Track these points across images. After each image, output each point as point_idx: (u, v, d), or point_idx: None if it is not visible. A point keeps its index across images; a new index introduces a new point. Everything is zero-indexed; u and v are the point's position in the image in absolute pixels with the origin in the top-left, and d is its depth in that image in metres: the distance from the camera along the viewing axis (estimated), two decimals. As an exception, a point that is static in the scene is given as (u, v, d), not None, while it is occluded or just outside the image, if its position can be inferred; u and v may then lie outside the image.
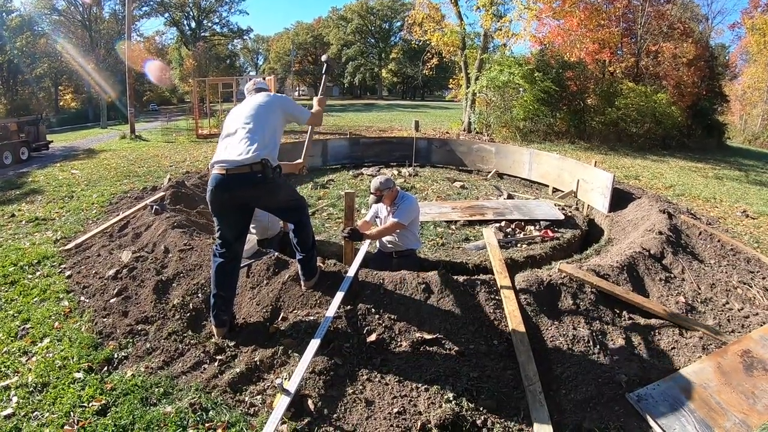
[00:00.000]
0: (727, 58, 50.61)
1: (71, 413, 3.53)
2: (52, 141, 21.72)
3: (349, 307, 4.47)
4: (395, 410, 3.50)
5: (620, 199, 9.52)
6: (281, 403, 3.34)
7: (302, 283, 4.77)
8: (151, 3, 63.69)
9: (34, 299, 5.48)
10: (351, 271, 4.80)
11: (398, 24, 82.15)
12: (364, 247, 5.60)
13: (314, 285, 4.77)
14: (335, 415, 3.49)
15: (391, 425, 3.39)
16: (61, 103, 57.94)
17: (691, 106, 26.80)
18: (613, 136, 23.53)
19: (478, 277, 4.94)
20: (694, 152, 23.52)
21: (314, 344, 3.82)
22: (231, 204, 4.16)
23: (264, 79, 27.21)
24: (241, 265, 5.18)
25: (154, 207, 7.71)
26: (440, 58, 31.97)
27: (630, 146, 22.71)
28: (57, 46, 47.42)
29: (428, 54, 31.98)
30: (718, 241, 6.83)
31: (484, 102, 26.03)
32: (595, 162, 11.49)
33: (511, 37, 25.95)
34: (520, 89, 24.26)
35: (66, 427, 3.40)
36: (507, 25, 25.96)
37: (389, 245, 6.05)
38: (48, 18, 50.63)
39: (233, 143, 4.08)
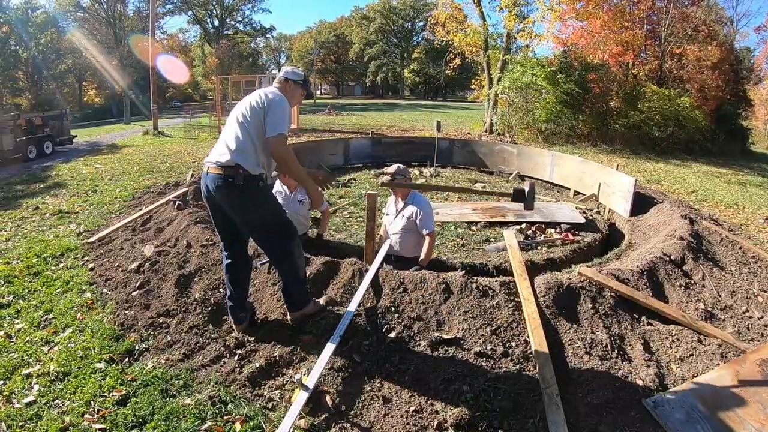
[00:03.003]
0: (752, 61, 49.84)
1: (92, 402, 3.58)
2: (76, 136, 21.99)
3: (368, 305, 4.49)
4: (412, 408, 3.52)
5: (642, 203, 9.44)
6: (299, 398, 3.38)
7: (288, 315, 4.46)
8: (175, 1, 64.42)
9: (57, 290, 5.56)
10: (371, 270, 4.82)
11: (421, 24, 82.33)
12: (385, 247, 5.62)
13: (304, 318, 4.41)
14: (353, 412, 3.52)
15: (408, 423, 3.41)
16: (84, 99, 58.75)
17: (715, 110, 26.48)
18: (635, 139, 23.33)
19: (498, 279, 4.93)
20: (717, 157, 23.25)
21: (333, 341, 3.85)
22: (212, 204, 4.07)
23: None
24: (262, 261, 5.23)
25: (177, 202, 7.80)
26: (463, 58, 32.11)
27: (652, 150, 22.51)
28: (78, 44, 47.92)
29: (451, 54, 32.11)
30: (740, 248, 6.74)
31: (506, 103, 25.99)
32: (617, 165, 11.44)
33: (534, 38, 25.97)
34: (543, 91, 24.16)
35: (86, 415, 3.44)
36: (530, 26, 26.01)
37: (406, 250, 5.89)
38: (73, 15, 51.35)
39: (220, 140, 4.02)
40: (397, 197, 5.95)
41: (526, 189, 4.75)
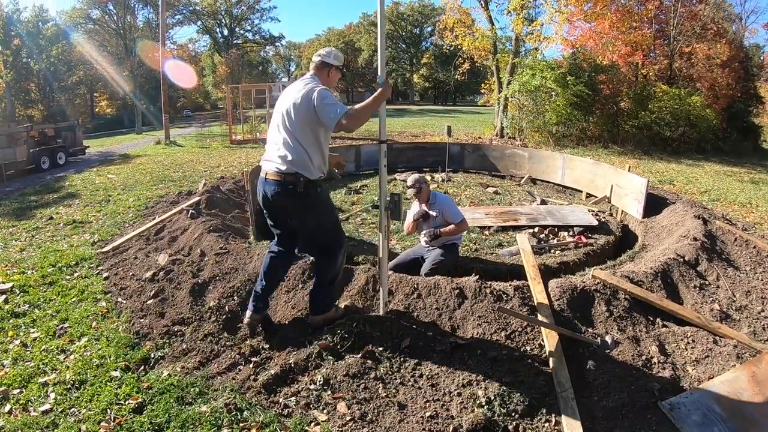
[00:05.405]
0: (761, 58, 49.31)
1: (108, 410, 3.60)
2: (88, 146, 22.20)
3: (384, 311, 4.50)
4: (428, 414, 3.51)
5: (654, 204, 9.37)
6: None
7: (309, 317, 4.59)
8: (184, 11, 64.79)
9: (72, 299, 5.61)
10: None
11: (429, 29, 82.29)
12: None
13: (325, 322, 4.49)
14: (369, 417, 3.51)
15: (424, 428, 3.40)
16: (96, 110, 59.20)
17: (726, 108, 26.29)
18: (646, 140, 23.20)
19: (512, 283, 4.93)
20: (730, 156, 23.08)
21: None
22: (270, 207, 4.22)
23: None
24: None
25: (190, 211, 7.84)
26: (472, 62, 32.01)
27: (664, 150, 22.40)
28: (89, 56, 48.30)
29: (460, 59, 31.99)
30: (754, 247, 6.69)
31: (516, 106, 25.94)
32: (629, 167, 11.36)
33: (543, 40, 25.88)
34: (553, 93, 24.08)
35: (102, 423, 3.46)
36: (538, 28, 25.91)
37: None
38: (83, 27, 51.82)
39: (271, 144, 4.12)
40: (420, 202, 6.35)
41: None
